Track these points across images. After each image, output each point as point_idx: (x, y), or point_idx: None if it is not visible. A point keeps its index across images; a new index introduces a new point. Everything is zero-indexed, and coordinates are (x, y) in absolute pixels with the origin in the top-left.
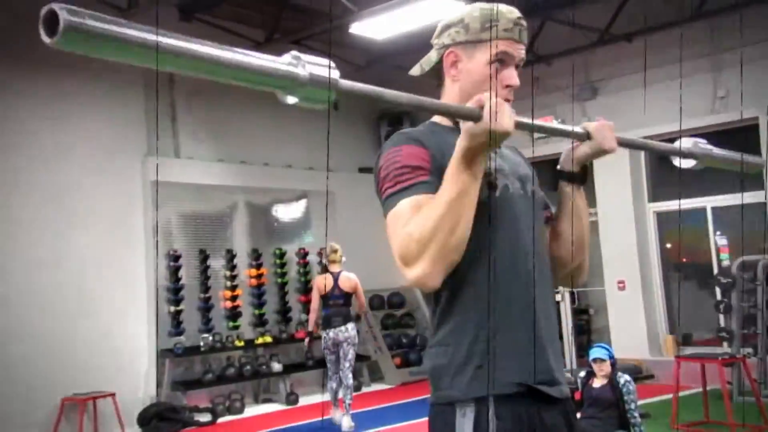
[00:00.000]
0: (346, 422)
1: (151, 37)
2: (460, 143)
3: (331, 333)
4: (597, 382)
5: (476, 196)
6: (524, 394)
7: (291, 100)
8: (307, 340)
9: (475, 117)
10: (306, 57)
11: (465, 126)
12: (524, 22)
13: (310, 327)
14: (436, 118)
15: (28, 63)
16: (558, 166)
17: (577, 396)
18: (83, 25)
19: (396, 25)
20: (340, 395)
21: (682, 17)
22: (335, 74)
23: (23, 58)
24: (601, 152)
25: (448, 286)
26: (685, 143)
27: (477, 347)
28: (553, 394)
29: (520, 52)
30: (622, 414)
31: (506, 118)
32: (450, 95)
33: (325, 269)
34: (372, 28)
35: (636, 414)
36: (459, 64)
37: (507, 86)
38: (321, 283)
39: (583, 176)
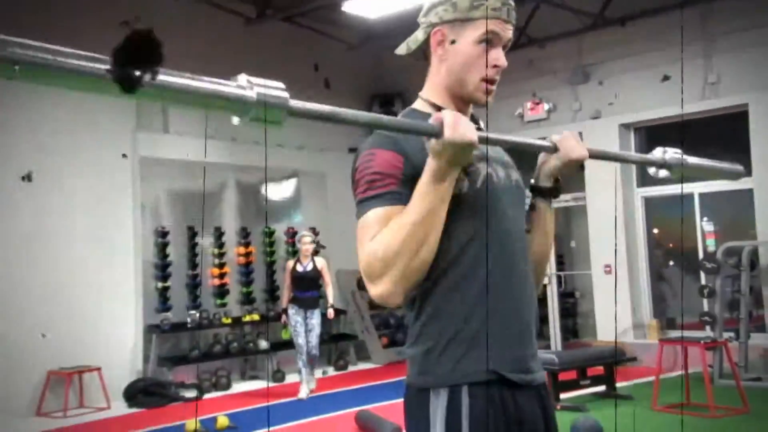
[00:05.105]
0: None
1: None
2: (429, 163)
3: None
4: None
5: (444, 216)
6: (498, 381)
7: (235, 120)
8: None
9: (436, 133)
10: (257, 80)
11: (429, 144)
12: (512, 2)
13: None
14: (418, 105)
15: (15, 35)
16: (531, 182)
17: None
18: (22, 55)
19: (389, 3)
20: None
21: (674, 1)
22: (285, 95)
23: (10, 30)
24: (571, 162)
25: (431, 276)
26: (658, 153)
27: (455, 336)
28: (527, 381)
29: (507, 32)
30: None
31: (467, 129)
32: (437, 75)
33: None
34: (365, 6)
35: None
36: (446, 44)
37: (495, 66)
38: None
39: (556, 190)
